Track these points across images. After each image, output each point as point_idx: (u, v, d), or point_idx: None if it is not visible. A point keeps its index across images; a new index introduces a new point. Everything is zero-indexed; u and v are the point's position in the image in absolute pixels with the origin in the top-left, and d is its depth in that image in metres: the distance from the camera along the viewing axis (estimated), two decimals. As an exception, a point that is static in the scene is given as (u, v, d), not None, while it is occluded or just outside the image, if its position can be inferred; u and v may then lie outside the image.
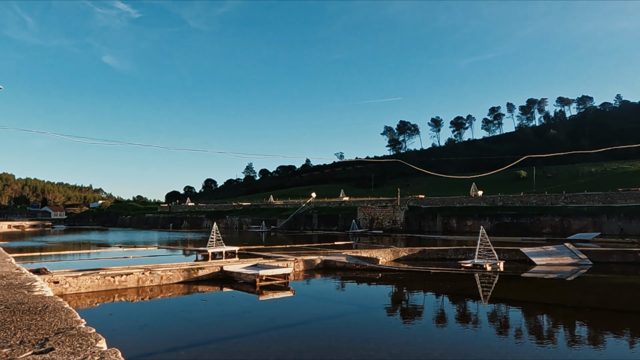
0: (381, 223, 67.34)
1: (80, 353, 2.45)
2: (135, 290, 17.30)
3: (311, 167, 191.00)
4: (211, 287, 18.61)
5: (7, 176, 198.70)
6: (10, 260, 8.07)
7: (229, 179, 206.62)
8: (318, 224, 74.59)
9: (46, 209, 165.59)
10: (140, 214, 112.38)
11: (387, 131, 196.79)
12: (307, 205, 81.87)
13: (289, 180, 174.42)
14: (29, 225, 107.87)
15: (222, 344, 10.37)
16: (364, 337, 11.25)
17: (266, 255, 27.13)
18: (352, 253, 27.73)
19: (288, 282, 18.87)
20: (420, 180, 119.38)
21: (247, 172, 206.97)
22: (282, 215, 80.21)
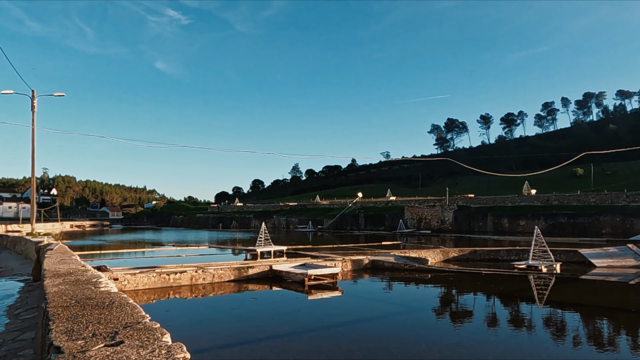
0: (429, 223, 66.18)
1: (148, 346, 2.52)
2: (188, 288, 17.86)
3: (357, 167, 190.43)
4: (261, 286, 18.90)
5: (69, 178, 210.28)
6: (76, 257, 8.53)
7: (276, 180, 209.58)
8: (365, 224, 74.24)
9: (104, 209, 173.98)
10: (191, 214, 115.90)
11: (434, 129, 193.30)
12: (354, 205, 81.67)
13: (335, 180, 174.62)
14: (89, 225, 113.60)
15: (273, 342, 10.51)
16: (414, 338, 11.09)
17: (314, 255, 27.27)
18: (401, 253, 27.40)
19: (336, 281, 18.88)
20: (469, 179, 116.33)
21: (293, 173, 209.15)
22: (329, 215, 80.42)
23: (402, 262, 23.71)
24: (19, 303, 10.10)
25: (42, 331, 3.75)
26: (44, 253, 10.66)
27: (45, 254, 9.72)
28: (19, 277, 14.98)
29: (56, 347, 2.59)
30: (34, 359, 5.77)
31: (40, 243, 15.17)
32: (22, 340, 6.81)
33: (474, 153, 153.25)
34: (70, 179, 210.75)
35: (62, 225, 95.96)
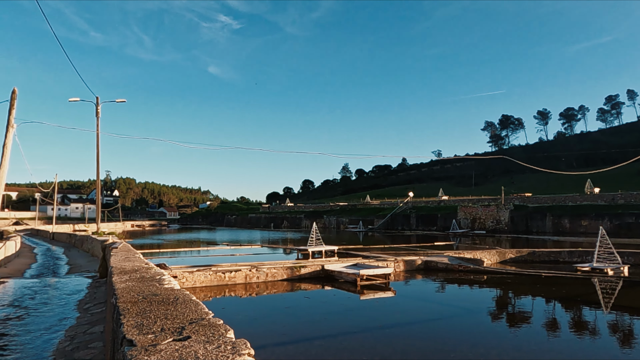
0: (484, 223, 64.19)
1: (214, 342, 2.58)
2: (243, 286, 18.27)
3: (407, 166, 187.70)
4: (313, 285, 19.03)
5: (130, 180, 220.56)
6: (139, 256, 8.93)
7: (326, 180, 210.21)
8: (416, 224, 73.07)
9: (162, 209, 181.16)
10: (243, 214, 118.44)
11: (488, 126, 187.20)
12: (405, 204, 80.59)
13: (385, 179, 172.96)
14: (149, 225, 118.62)
15: (327, 341, 10.56)
16: (471, 341, 10.79)
17: (365, 255, 27.14)
18: (454, 254, 26.75)
19: (389, 282, 18.70)
20: (526, 178, 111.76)
21: (343, 173, 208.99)
22: (379, 215, 79.79)
23: (456, 263, 23.14)
24: (87, 298, 10.70)
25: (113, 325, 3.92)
26: (109, 251, 11.24)
27: (110, 252, 10.24)
28: (87, 274, 15.87)
29: (129, 340, 2.70)
30: (103, 351, 6.09)
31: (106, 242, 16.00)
32: (92, 333, 7.21)
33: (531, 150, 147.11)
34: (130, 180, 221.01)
35: (123, 225, 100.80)
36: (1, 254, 19.21)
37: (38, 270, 19.56)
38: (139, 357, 2.37)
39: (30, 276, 16.65)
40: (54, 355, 6.27)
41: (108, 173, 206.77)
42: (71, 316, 8.72)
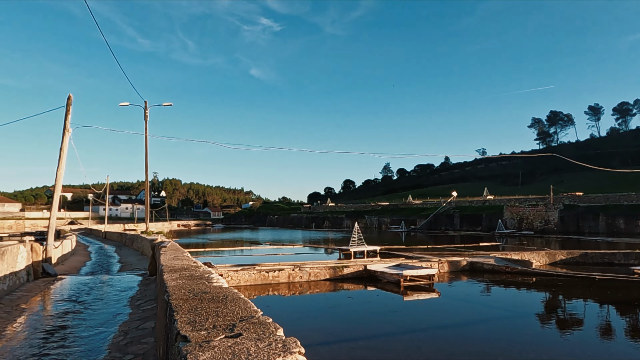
0: (531, 223, 62.05)
1: (264, 340, 2.61)
2: (286, 285, 18.46)
3: (450, 165, 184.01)
4: (355, 285, 18.99)
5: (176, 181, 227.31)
6: (187, 254, 9.19)
7: (367, 179, 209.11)
8: (460, 224, 71.52)
9: (207, 209, 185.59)
10: (285, 214, 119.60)
11: (535, 123, 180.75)
12: (448, 204, 79.04)
13: (428, 179, 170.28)
14: (194, 224, 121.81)
15: (371, 342, 10.52)
16: (519, 345, 10.46)
17: (408, 255, 26.83)
18: (501, 255, 25.99)
19: (433, 283, 18.41)
20: (576, 176, 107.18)
21: (384, 172, 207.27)
22: (422, 215, 78.63)
23: (502, 265, 22.49)
24: (138, 295, 11.11)
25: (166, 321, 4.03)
26: (158, 250, 11.63)
27: (160, 251, 10.59)
28: (137, 272, 16.48)
29: (183, 336, 2.77)
30: (154, 347, 6.31)
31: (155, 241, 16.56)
32: (144, 329, 7.48)
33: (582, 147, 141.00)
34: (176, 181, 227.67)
35: (170, 224, 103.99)
36: (59, 252, 20.24)
37: (92, 267, 20.47)
38: (193, 353, 2.42)
39: (85, 273, 17.45)
40: (109, 349, 6.55)
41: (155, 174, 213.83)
42: (124, 312, 9.08)
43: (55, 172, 16.40)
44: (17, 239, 32.99)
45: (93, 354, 6.31)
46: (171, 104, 27.14)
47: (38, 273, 13.92)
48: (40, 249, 14.28)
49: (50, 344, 6.80)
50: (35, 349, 6.53)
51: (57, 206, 17.03)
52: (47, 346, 6.67)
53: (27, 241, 14.20)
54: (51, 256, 15.72)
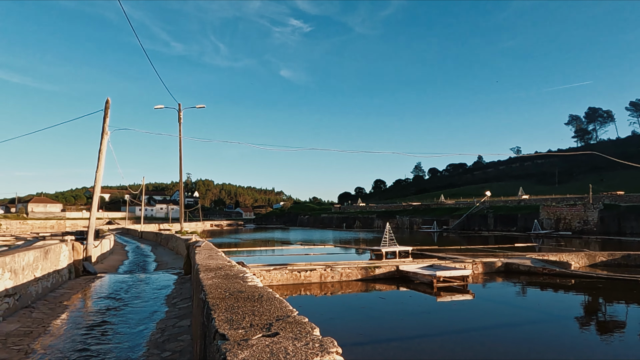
0: (569, 224, 60.13)
1: (301, 339, 2.61)
2: (318, 285, 18.50)
3: (484, 164, 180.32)
4: (387, 286, 18.85)
5: (208, 182, 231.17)
6: (221, 254, 9.33)
7: (398, 179, 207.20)
8: (494, 224, 69.99)
9: (238, 210, 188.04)
10: (316, 214, 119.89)
11: (572, 120, 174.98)
12: (482, 204, 77.50)
13: (460, 178, 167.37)
14: (226, 224, 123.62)
15: (405, 343, 10.42)
16: (557, 348, 10.15)
17: (440, 256, 26.45)
18: (537, 256, 25.28)
19: (467, 284, 18.09)
20: (617, 175, 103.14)
21: (415, 172, 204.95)
22: (454, 215, 77.38)
23: (539, 266, 21.89)
24: (174, 293, 11.36)
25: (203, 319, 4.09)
26: (193, 249, 11.84)
27: (195, 250, 10.78)
28: (173, 271, 16.84)
29: (221, 335, 2.81)
30: (190, 344, 6.44)
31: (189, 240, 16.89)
32: (180, 327, 7.64)
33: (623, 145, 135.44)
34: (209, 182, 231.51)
35: (203, 224, 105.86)
36: (98, 251, 20.91)
37: (129, 266, 21.06)
38: (232, 351, 2.45)
39: (123, 272, 17.97)
40: (147, 345, 6.72)
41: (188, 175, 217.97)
42: (161, 310, 9.29)
43: (94, 173, 16.95)
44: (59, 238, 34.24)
45: (132, 350, 6.49)
46: (204, 106, 27.59)
47: (79, 271, 14.42)
48: (81, 248, 14.79)
49: (91, 340, 7.03)
50: (77, 344, 6.76)
51: (97, 206, 17.59)
52: (88, 342, 6.90)
53: (68, 240, 14.73)
54: (91, 255, 16.25)
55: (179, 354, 6.15)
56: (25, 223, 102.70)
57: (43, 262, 10.64)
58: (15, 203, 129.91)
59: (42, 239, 38.85)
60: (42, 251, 10.69)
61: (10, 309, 8.28)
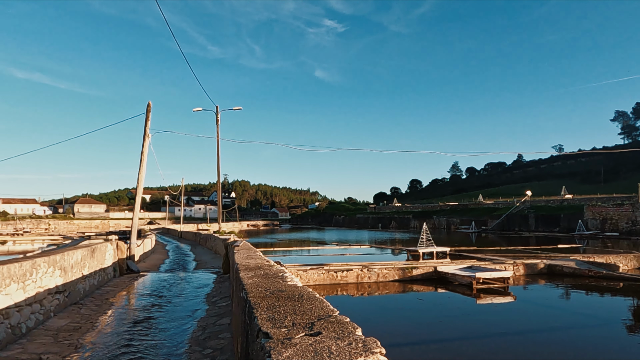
0: (616, 224, 57.60)
1: (344, 339, 2.60)
2: (354, 286, 18.45)
3: (524, 163, 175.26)
4: (425, 287, 18.60)
5: (245, 183, 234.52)
6: (259, 254, 9.44)
7: (434, 179, 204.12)
8: (535, 225, 67.86)
9: (274, 210, 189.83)
10: (351, 215, 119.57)
11: (619, 116, 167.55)
12: (522, 204, 75.33)
13: (499, 178, 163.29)
14: (262, 225, 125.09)
15: (444, 345, 10.24)
16: (604, 354, 9.75)
17: (479, 257, 25.88)
18: (583, 258, 24.35)
19: (508, 286, 17.61)
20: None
21: (452, 171, 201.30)
22: (493, 215, 75.53)
23: (585, 268, 21.08)
24: (214, 292, 11.58)
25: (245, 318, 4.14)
26: (232, 249, 12.04)
27: (233, 250, 10.96)
28: (212, 270, 17.18)
29: (264, 333, 2.84)
30: (231, 342, 6.55)
31: (228, 240, 17.18)
32: (221, 325, 7.79)
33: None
34: (245, 183, 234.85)
35: (240, 224, 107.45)
36: (140, 250, 21.57)
37: (170, 265, 21.61)
38: (277, 349, 2.47)
39: (165, 270, 18.46)
40: (189, 342, 6.88)
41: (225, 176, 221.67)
42: (201, 308, 9.49)
43: (137, 175, 17.50)
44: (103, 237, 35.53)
45: (175, 346, 6.66)
46: (241, 108, 28.01)
47: (123, 269, 14.92)
48: (124, 247, 15.30)
49: (136, 335, 7.26)
50: (123, 339, 7.00)
51: (139, 207, 18.15)
52: (134, 337, 7.13)
53: (113, 240, 15.26)
54: (134, 254, 16.78)
55: (219, 352, 6.26)
56: (72, 223, 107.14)
57: (90, 261, 11.07)
58: (62, 204, 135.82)
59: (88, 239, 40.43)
60: (89, 250, 11.12)
61: (61, 305, 8.65)
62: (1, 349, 6.09)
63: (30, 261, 7.39)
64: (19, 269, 6.88)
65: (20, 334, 6.74)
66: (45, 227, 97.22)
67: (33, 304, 7.33)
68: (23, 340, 6.64)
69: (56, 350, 6.39)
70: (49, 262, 8.18)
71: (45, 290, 7.87)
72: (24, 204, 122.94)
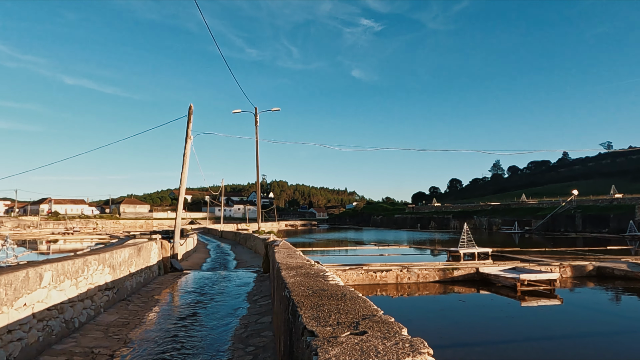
0: (671, 225, 54.63)
1: (390, 338, 2.58)
2: (394, 286, 18.28)
3: (569, 161, 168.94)
4: (467, 289, 18.21)
5: (283, 183, 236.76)
6: (299, 253, 9.50)
7: (475, 178, 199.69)
8: (582, 226, 65.22)
9: (312, 210, 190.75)
10: (389, 215, 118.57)
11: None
12: (568, 204, 72.59)
13: (543, 176, 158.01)
14: (300, 225, 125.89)
15: (488, 348, 9.99)
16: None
17: (523, 258, 25.12)
18: (635, 260, 23.20)
19: (554, 288, 17.01)
20: None
21: (494, 170, 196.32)
22: (537, 215, 73.14)
23: (638, 271, 20.08)
24: (255, 291, 11.75)
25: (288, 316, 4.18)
26: (272, 248, 12.17)
27: (273, 249, 11.07)
28: (252, 269, 17.43)
29: (310, 331, 2.85)
30: (273, 340, 6.62)
31: (267, 240, 17.38)
32: (262, 323, 7.89)
33: None
34: (283, 183, 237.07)
35: (278, 224, 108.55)
36: (183, 249, 22.15)
37: (212, 264, 22.07)
38: (323, 347, 2.47)
39: (206, 269, 18.87)
40: (232, 340, 7.01)
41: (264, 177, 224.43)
42: (243, 306, 9.65)
43: (179, 176, 17.97)
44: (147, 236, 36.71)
45: (219, 343, 6.80)
46: (279, 109, 28.29)
47: (167, 268, 15.35)
48: (168, 246, 15.74)
49: (181, 331, 7.46)
50: (169, 335, 7.21)
51: (181, 207, 18.63)
52: (178, 333, 7.33)
53: (157, 239, 15.73)
54: (177, 253, 17.24)
55: (262, 350, 6.34)
56: (118, 223, 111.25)
57: (136, 259, 11.46)
58: (109, 204, 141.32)
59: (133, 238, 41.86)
60: (136, 249, 11.51)
61: (110, 302, 9.00)
62: (56, 342, 6.39)
63: (82, 259, 7.72)
64: (72, 266, 7.20)
65: (73, 328, 7.05)
66: (93, 227, 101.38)
67: (85, 299, 7.65)
68: (76, 334, 6.95)
69: (107, 344, 6.65)
70: (99, 259, 8.52)
71: (95, 287, 8.20)
72: (73, 204, 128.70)
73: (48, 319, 6.22)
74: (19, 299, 5.49)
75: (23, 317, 5.54)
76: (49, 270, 6.38)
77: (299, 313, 3.36)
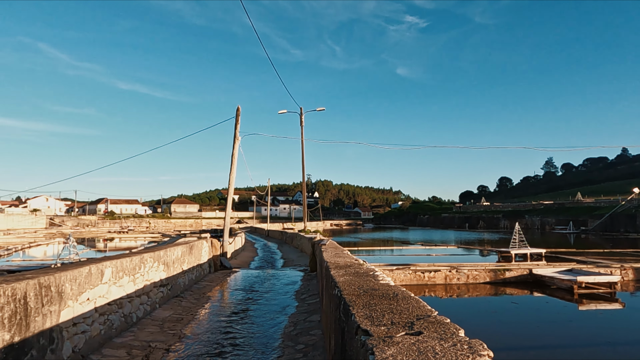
0: None
1: (447, 340, 2.54)
2: (442, 287, 17.93)
3: (630, 158, 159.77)
4: (519, 290, 17.60)
5: (327, 182, 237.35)
6: (347, 252, 9.50)
7: (526, 176, 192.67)
8: (645, 226, 61.58)
9: (357, 209, 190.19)
10: (436, 214, 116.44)
11: None
12: (628, 202, 68.69)
13: (600, 174, 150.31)
14: (345, 224, 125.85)
15: (543, 353, 9.61)
16: None
17: (580, 259, 24.00)
18: None
19: (615, 292, 16.14)
20: None
21: (546, 168, 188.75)
22: (594, 214, 69.66)
23: None
24: (302, 289, 11.84)
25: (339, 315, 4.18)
26: (319, 247, 12.23)
27: (320, 248, 11.13)
28: (299, 268, 17.58)
29: (364, 330, 2.84)
30: (322, 339, 6.64)
31: (314, 239, 17.49)
32: (311, 322, 7.94)
33: None
34: (327, 182, 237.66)
35: (323, 224, 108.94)
36: (232, 248, 22.65)
37: (259, 262, 22.44)
38: (379, 347, 2.46)
39: (254, 267, 19.21)
40: (282, 337, 7.10)
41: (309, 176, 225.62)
42: (291, 304, 9.75)
43: (228, 176, 18.38)
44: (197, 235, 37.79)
45: (269, 339, 6.91)
46: (324, 109, 28.39)
47: (217, 266, 15.75)
48: (218, 245, 16.14)
49: (232, 327, 7.63)
50: (220, 331, 7.39)
51: (230, 206, 19.06)
52: (229, 329, 7.50)
53: (207, 237, 16.15)
54: (226, 251, 17.64)
55: (312, 348, 6.38)
56: (169, 222, 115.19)
57: (188, 257, 11.82)
58: (160, 204, 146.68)
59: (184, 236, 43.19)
60: (188, 247, 11.87)
61: (164, 298, 9.33)
62: (117, 335, 6.69)
63: (139, 256, 8.04)
64: (129, 263, 7.51)
65: (131, 323, 7.36)
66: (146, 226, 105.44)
67: (141, 295, 7.97)
68: (134, 328, 7.25)
69: (162, 339, 6.90)
70: (154, 257, 8.85)
71: (151, 284, 8.52)
72: (127, 204, 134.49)
73: (109, 313, 6.53)
74: (83, 294, 5.79)
75: (87, 311, 5.84)
76: (109, 266, 6.69)
77: (351, 312, 3.35)
